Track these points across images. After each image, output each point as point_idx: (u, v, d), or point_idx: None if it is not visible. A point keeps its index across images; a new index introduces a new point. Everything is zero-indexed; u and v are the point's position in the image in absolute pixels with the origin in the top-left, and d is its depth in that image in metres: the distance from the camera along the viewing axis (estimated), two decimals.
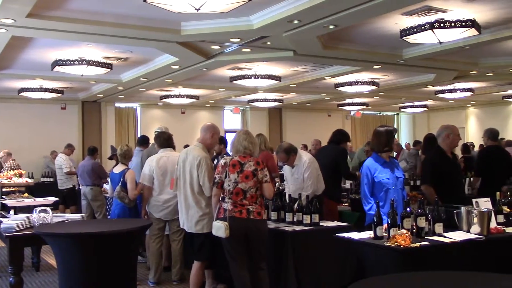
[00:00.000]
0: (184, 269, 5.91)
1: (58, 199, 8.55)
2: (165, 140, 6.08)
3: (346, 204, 7.15)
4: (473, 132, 18.77)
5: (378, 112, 21.03)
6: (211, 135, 5.07)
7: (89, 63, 8.72)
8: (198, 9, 5.53)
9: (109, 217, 7.23)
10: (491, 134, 7.45)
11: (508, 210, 4.58)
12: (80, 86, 13.13)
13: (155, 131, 6.94)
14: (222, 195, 4.58)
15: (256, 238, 4.51)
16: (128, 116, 16.55)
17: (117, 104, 16.12)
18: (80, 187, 9.34)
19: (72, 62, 8.71)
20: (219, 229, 4.42)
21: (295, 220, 5.07)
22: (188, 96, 14.01)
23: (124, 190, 5.93)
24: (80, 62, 8.69)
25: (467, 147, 12.21)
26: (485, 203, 4.41)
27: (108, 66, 9.20)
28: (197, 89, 13.59)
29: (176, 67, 9.83)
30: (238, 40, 7.75)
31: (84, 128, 15.39)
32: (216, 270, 5.28)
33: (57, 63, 8.78)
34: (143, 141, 7.67)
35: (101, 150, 14.27)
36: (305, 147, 13.21)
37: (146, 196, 5.94)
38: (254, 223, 4.49)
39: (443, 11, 6.78)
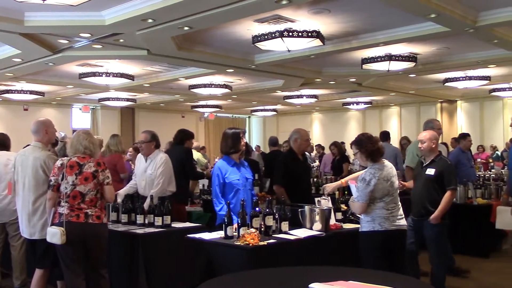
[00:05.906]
0: (26, 276, 5.52)
1: None
2: None
3: (197, 205, 7.22)
4: (317, 135, 20.18)
5: (231, 115, 21.60)
6: (45, 132, 4.76)
7: None
8: (44, 0, 5.19)
9: None
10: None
11: (345, 207, 5.00)
12: None
13: None
14: (58, 199, 4.31)
15: (95, 243, 4.29)
16: None
17: None
18: None
19: None
20: (54, 235, 4.14)
21: (146, 222, 4.99)
22: (31, 92, 13.07)
23: None
24: None
25: None
26: (326, 202, 4.76)
27: None
28: (43, 85, 12.71)
29: (18, 60, 9.11)
30: (89, 35, 7.41)
31: None
32: None
33: None
34: None
35: None
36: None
37: None
38: (93, 228, 4.26)
39: (292, 21, 7.19)
